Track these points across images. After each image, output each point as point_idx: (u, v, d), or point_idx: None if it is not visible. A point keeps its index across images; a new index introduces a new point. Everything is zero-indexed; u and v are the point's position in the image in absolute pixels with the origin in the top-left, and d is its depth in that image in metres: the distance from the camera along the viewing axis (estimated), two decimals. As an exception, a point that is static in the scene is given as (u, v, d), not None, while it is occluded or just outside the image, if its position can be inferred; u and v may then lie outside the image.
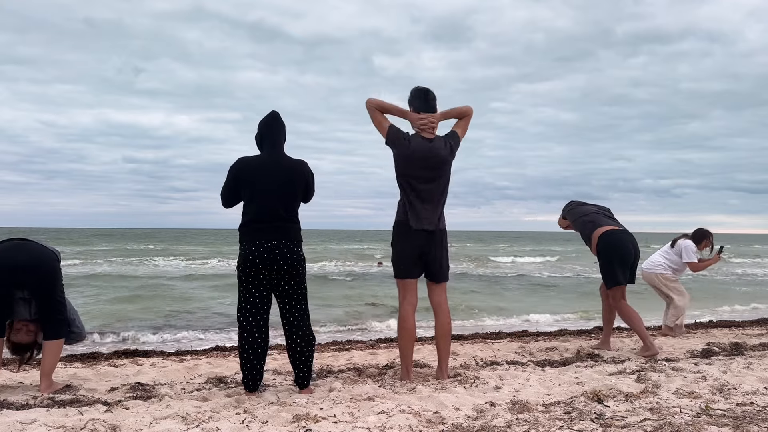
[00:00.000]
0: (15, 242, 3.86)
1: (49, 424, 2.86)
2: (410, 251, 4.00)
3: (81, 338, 4.16)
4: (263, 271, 3.59)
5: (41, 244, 3.92)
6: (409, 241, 3.99)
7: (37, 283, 3.74)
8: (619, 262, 5.24)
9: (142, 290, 13.94)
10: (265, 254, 3.57)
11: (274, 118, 3.83)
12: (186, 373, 4.52)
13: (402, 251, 4.03)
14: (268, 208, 3.62)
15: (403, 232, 4.02)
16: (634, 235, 5.41)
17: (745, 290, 14.88)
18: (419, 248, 3.99)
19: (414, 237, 3.97)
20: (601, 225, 5.39)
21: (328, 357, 5.27)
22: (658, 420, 2.94)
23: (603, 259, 5.30)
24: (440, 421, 2.97)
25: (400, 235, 4.04)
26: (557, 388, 3.69)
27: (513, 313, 10.23)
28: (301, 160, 3.82)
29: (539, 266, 27.08)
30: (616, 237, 5.29)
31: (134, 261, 27.09)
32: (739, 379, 3.88)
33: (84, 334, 4.19)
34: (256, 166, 3.71)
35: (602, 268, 5.34)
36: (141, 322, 9.02)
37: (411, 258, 4.00)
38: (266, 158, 3.75)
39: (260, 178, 3.65)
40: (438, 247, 4.04)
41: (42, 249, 3.86)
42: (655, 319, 7.95)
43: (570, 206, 5.82)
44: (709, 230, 6.78)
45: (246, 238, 3.63)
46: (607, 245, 5.26)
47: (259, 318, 3.63)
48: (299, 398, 3.49)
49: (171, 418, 3.01)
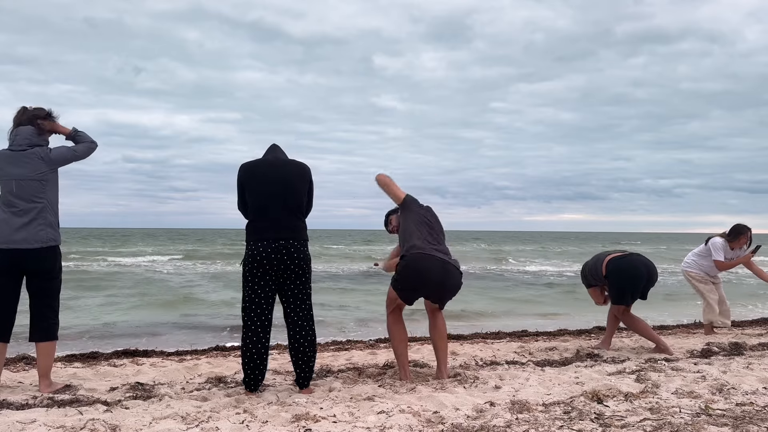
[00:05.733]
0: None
1: (49, 424, 2.86)
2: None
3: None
4: (270, 270, 3.59)
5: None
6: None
7: (36, 284, 3.74)
8: (629, 284, 5.21)
9: (141, 290, 13.94)
10: (273, 254, 3.57)
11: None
12: (186, 373, 4.52)
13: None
14: (275, 208, 3.63)
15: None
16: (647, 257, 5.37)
17: (744, 290, 14.88)
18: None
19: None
20: (607, 254, 5.40)
21: (328, 357, 5.27)
22: (658, 420, 2.95)
23: (611, 281, 5.29)
24: (440, 420, 2.97)
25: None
26: (557, 388, 3.69)
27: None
28: (303, 162, 3.85)
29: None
30: (624, 260, 5.27)
31: (134, 261, 27.09)
32: (738, 379, 3.88)
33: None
34: (259, 167, 3.73)
35: (610, 288, 5.35)
36: (141, 322, 9.01)
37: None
38: (269, 159, 3.77)
39: (265, 178, 3.67)
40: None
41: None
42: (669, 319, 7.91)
43: (582, 274, 5.70)
44: (747, 226, 6.56)
45: (253, 238, 3.63)
46: (615, 269, 5.25)
47: (264, 318, 3.64)
48: (299, 398, 3.49)
49: (171, 418, 3.01)
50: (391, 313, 4.12)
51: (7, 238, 3.65)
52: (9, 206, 3.68)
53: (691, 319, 8.43)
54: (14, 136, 3.75)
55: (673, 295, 13.36)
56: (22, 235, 3.65)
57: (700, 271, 6.70)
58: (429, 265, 3.88)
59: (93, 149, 3.96)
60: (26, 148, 3.72)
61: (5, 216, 3.68)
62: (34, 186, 3.69)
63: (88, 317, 9.31)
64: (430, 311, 4.18)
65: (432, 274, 3.88)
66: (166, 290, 14.09)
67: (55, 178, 3.80)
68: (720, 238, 6.58)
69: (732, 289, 14.27)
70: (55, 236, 3.77)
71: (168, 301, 11.90)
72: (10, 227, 3.66)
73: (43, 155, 3.72)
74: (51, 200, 3.76)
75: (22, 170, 3.69)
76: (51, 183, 3.76)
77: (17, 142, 3.73)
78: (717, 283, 6.76)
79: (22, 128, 3.76)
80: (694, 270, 6.72)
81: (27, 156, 3.70)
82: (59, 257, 3.85)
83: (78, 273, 18.48)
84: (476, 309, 10.52)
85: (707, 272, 6.68)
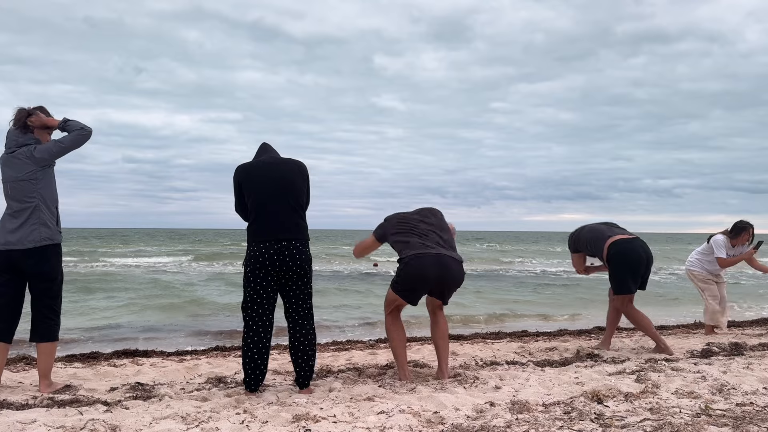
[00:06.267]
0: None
1: (49, 424, 2.86)
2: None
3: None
4: (272, 271, 3.60)
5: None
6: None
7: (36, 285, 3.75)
8: (630, 271, 5.18)
9: (141, 290, 13.94)
10: (276, 255, 3.58)
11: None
12: (186, 373, 4.52)
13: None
14: (277, 207, 3.64)
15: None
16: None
17: (744, 290, 14.88)
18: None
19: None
20: (611, 235, 5.30)
21: (328, 357, 5.27)
22: (658, 420, 2.95)
23: (613, 267, 5.24)
24: (440, 421, 2.97)
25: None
26: (557, 388, 3.69)
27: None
28: (299, 160, 3.85)
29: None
30: (628, 245, 5.21)
31: (134, 261, 27.09)
32: (738, 379, 3.88)
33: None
34: (257, 167, 3.73)
35: (612, 276, 5.29)
36: (141, 322, 9.01)
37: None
38: (266, 159, 3.77)
39: (264, 179, 3.67)
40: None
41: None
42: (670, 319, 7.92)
43: (572, 237, 5.64)
44: (749, 222, 6.54)
45: (256, 239, 3.63)
46: (618, 254, 5.19)
47: (265, 318, 3.65)
48: (299, 398, 3.49)
49: (171, 418, 3.01)
50: (390, 314, 4.13)
51: (3, 239, 3.68)
52: (6, 208, 3.74)
53: (691, 319, 8.44)
54: (6, 139, 3.81)
55: (673, 295, 13.37)
56: (17, 236, 3.66)
57: (702, 270, 6.70)
58: (425, 263, 3.91)
59: (84, 136, 3.77)
60: (15, 149, 3.75)
61: (3, 218, 3.74)
62: (25, 186, 3.70)
63: (87, 317, 9.31)
64: (431, 311, 4.20)
65: (429, 271, 3.91)
66: (166, 290, 14.08)
67: (48, 175, 3.78)
68: (722, 236, 6.58)
69: (732, 289, 14.25)
70: (51, 235, 3.72)
71: (168, 301, 11.89)
72: (5, 229, 3.69)
73: (29, 154, 3.72)
74: (45, 198, 3.74)
75: (13, 172, 3.73)
76: (44, 181, 3.75)
77: (7, 145, 3.79)
78: (720, 282, 6.75)
79: (10, 130, 3.81)
80: (697, 269, 6.73)
81: (16, 157, 3.74)
82: (58, 256, 3.78)
83: (78, 273, 18.48)
84: (476, 311, 10.50)
85: (710, 271, 6.68)
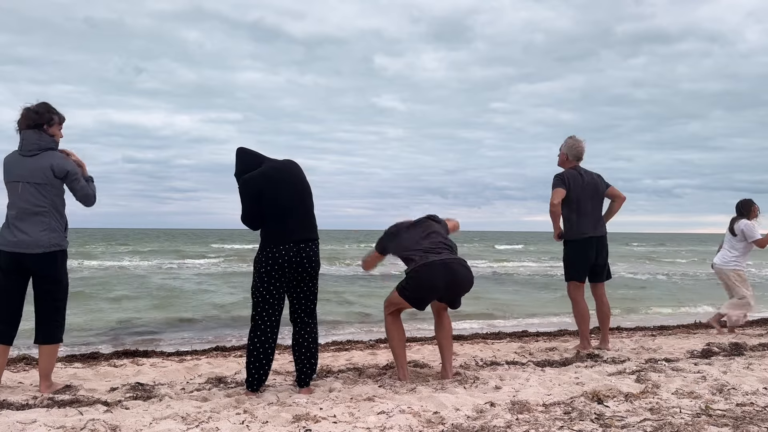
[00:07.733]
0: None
1: (49, 424, 2.86)
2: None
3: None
4: (288, 272, 3.63)
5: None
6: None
7: (41, 287, 3.75)
8: (580, 260, 5.26)
9: (141, 290, 13.94)
10: (294, 257, 3.61)
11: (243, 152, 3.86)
12: (186, 373, 4.52)
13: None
14: (297, 209, 3.68)
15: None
16: (607, 233, 5.37)
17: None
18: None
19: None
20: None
21: (328, 357, 5.27)
22: (658, 420, 2.95)
23: (566, 252, 5.34)
24: (440, 421, 2.97)
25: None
26: (557, 389, 3.68)
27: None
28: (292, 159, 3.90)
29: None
30: (578, 237, 5.24)
31: (133, 261, 27.09)
32: (738, 380, 3.88)
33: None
34: (273, 174, 3.72)
35: (564, 260, 5.38)
36: (141, 322, 9.01)
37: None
38: (274, 164, 3.78)
39: (284, 184, 3.69)
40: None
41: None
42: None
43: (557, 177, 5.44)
44: (750, 199, 6.60)
45: (274, 241, 3.62)
46: (573, 241, 5.27)
47: (275, 318, 3.67)
48: (299, 398, 3.49)
49: (171, 418, 3.01)
50: (390, 314, 4.13)
51: (10, 241, 3.66)
52: (15, 209, 3.69)
53: (691, 319, 8.44)
54: (21, 140, 3.75)
55: (673, 295, 13.37)
56: (26, 240, 3.65)
57: (744, 267, 6.64)
58: (434, 272, 3.89)
59: (90, 201, 3.87)
60: (36, 152, 3.71)
61: (11, 219, 3.70)
62: (40, 190, 3.68)
63: (87, 318, 9.31)
64: (436, 311, 4.22)
65: (438, 280, 3.89)
66: (166, 290, 14.09)
67: (59, 182, 3.78)
68: (744, 220, 6.51)
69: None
70: (60, 240, 3.75)
71: (168, 301, 11.90)
72: (13, 231, 3.67)
73: (54, 165, 3.70)
74: (57, 204, 3.75)
75: (29, 174, 3.68)
76: (56, 187, 3.75)
77: (26, 147, 3.72)
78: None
79: (28, 132, 3.73)
80: (741, 268, 6.62)
81: (36, 161, 3.70)
82: (64, 261, 3.82)
83: (78, 273, 18.48)
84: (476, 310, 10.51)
85: (743, 265, 6.65)
